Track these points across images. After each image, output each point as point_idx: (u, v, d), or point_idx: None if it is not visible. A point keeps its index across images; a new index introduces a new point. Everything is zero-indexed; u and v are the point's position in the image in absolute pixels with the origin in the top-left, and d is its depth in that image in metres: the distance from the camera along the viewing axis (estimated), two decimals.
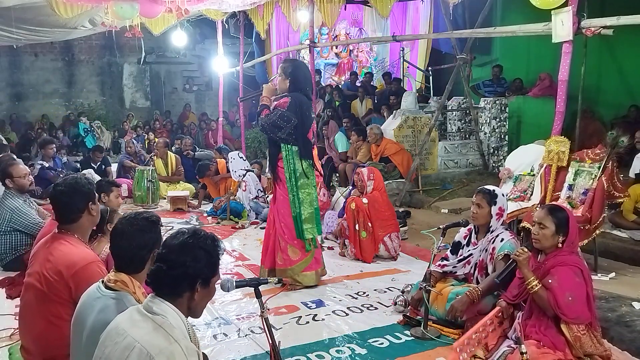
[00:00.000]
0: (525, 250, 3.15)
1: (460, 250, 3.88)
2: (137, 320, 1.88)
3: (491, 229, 3.68)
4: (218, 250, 1.99)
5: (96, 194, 2.93)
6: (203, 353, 3.36)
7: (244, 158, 7.75)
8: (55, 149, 8.84)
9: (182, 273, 1.90)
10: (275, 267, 4.62)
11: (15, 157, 6.89)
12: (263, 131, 4.64)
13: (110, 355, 1.84)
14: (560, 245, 3.08)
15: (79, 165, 9.43)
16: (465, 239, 3.88)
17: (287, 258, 4.55)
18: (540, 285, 3.01)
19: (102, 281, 2.28)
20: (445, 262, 3.88)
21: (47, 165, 8.18)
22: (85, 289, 2.31)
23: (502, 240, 3.57)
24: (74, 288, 2.54)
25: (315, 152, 4.70)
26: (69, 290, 2.56)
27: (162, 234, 2.40)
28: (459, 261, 3.82)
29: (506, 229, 3.70)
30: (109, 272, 2.31)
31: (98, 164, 9.20)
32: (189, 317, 2.00)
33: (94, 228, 3.16)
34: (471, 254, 3.76)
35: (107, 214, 3.69)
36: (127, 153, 9.95)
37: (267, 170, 4.54)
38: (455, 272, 3.84)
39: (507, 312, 3.26)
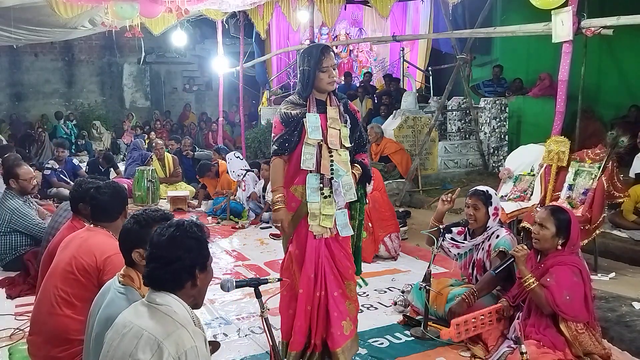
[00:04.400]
0: (524, 247, 3.15)
1: (451, 234, 3.87)
2: (142, 311, 1.90)
3: (488, 228, 3.68)
4: (204, 234, 2.01)
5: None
6: (216, 341, 3.41)
7: (241, 157, 7.76)
8: (66, 152, 8.78)
9: (180, 267, 1.91)
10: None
11: (21, 157, 6.91)
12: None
13: (118, 347, 1.85)
14: (559, 247, 3.09)
15: (86, 166, 9.39)
16: (460, 236, 3.87)
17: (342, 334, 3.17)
18: (537, 283, 3.02)
19: (118, 274, 2.35)
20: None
21: (57, 167, 8.16)
22: (111, 277, 2.40)
23: (498, 237, 3.58)
24: (102, 273, 2.71)
25: None
26: (98, 274, 2.73)
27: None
28: (452, 238, 3.81)
29: (502, 226, 3.70)
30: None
31: (106, 166, 9.19)
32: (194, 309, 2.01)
33: None
34: (464, 244, 3.76)
35: None
36: (140, 149, 9.95)
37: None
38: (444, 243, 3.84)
39: (507, 312, 3.27)
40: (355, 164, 3.27)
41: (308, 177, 3.11)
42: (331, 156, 3.11)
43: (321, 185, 3.11)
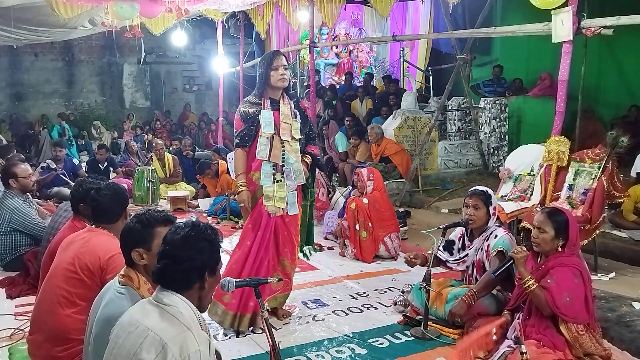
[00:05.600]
0: (524, 248, 3.15)
1: (453, 249, 3.88)
2: (149, 310, 1.91)
3: (486, 229, 3.68)
4: (219, 238, 2.02)
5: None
6: (217, 351, 3.41)
7: None
8: (64, 151, 8.70)
9: (190, 267, 1.92)
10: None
11: (23, 157, 6.92)
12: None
13: (123, 345, 1.86)
14: (560, 248, 3.08)
15: (86, 166, 9.39)
16: (459, 241, 3.88)
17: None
18: (536, 284, 3.01)
19: (118, 275, 2.35)
20: (440, 254, 3.88)
21: (54, 167, 8.13)
22: (114, 277, 2.40)
23: (496, 237, 3.58)
24: (105, 272, 2.71)
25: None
26: (101, 273, 2.72)
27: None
28: (454, 260, 3.83)
29: (500, 226, 3.70)
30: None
31: (105, 165, 9.18)
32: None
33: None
34: (466, 255, 3.76)
35: None
36: (129, 152, 9.95)
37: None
38: (447, 264, 3.88)
39: (510, 324, 3.27)
40: (306, 154, 3.86)
41: (263, 165, 3.69)
42: (283, 147, 3.68)
43: (274, 171, 3.69)
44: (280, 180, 3.70)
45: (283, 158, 3.69)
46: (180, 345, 1.78)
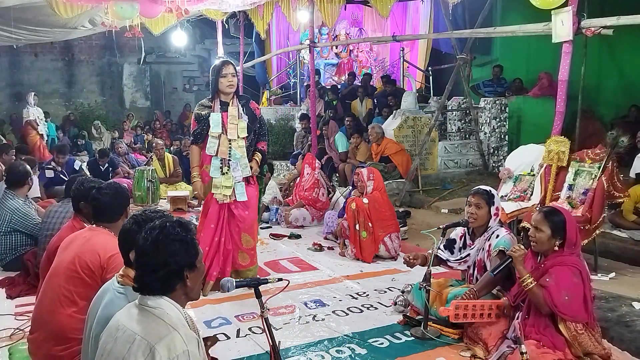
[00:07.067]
0: (522, 247, 3.16)
1: (454, 248, 3.88)
2: (135, 314, 1.89)
3: (489, 229, 3.68)
4: (190, 232, 1.96)
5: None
6: (215, 335, 3.41)
7: None
8: (66, 157, 8.47)
9: (166, 272, 1.88)
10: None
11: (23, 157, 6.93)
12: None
13: (112, 351, 1.84)
14: (557, 248, 3.08)
15: (87, 166, 9.35)
16: (461, 240, 3.87)
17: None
18: (535, 283, 3.02)
19: (117, 275, 2.35)
20: (441, 253, 3.88)
21: (58, 169, 8.10)
22: (113, 275, 2.40)
23: (498, 236, 3.58)
24: (106, 271, 2.72)
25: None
26: (101, 273, 2.74)
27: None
28: (455, 259, 3.83)
29: (501, 226, 3.70)
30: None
31: (106, 166, 9.15)
32: (188, 304, 2.00)
33: None
34: (468, 255, 3.76)
35: None
36: (118, 154, 9.91)
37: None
38: (449, 263, 3.87)
39: (507, 310, 3.28)
40: (256, 151, 4.47)
41: (212, 159, 4.29)
42: (230, 144, 4.25)
43: (222, 165, 4.27)
44: (227, 173, 4.27)
45: (230, 154, 4.28)
46: (168, 347, 1.76)
